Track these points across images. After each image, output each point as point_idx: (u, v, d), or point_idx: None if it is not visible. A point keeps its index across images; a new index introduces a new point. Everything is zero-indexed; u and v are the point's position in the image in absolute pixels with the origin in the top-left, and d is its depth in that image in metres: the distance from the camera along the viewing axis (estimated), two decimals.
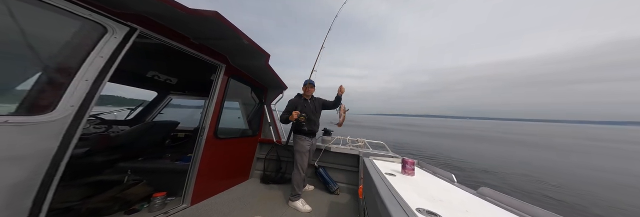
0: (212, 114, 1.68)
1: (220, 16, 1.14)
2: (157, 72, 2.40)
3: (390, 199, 0.67)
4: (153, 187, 1.60)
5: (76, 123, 0.82)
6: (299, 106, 1.88)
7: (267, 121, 2.69)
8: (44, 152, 0.75)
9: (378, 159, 1.56)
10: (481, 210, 0.69)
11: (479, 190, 0.87)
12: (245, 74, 2.13)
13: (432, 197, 0.77)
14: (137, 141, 1.88)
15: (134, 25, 1.03)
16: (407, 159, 1.16)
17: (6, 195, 0.67)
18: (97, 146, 1.64)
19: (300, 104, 1.90)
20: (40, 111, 0.74)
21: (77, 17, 0.84)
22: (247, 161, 2.39)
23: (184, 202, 1.55)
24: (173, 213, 1.45)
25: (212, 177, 1.80)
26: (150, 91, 2.90)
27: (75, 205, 1.28)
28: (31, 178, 0.73)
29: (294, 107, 1.87)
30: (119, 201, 1.42)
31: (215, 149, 1.76)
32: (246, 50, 1.62)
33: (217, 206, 1.65)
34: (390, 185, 0.85)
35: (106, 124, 2.26)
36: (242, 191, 2.02)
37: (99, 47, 0.89)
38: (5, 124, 0.66)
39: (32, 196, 0.73)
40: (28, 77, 0.76)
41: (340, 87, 1.95)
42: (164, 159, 1.97)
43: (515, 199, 0.74)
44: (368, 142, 2.48)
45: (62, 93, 0.79)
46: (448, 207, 0.68)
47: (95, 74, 0.88)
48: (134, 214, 1.41)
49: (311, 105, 1.94)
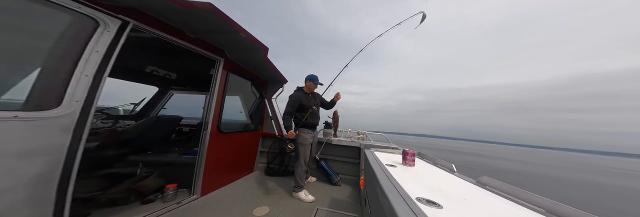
0: (214, 109, 1.69)
1: (215, 8, 1.09)
2: (155, 67, 2.39)
3: (390, 189, 0.69)
4: (164, 180, 1.68)
5: (84, 118, 0.85)
6: (304, 100, 1.87)
7: (268, 115, 2.71)
8: (58, 146, 0.79)
9: (379, 150, 1.58)
10: (480, 198, 0.71)
11: (478, 179, 0.89)
12: (244, 69, 2.10)
13: (432, 187, 0.79)
14: (143, 135, 1.93)
15: (126, 19, 1.00)
16: (408, 150, 1.17)
17: (28, 187, 0.71)
18: (107, 140, 1.69)
19: (304, 98, 1.89)
20: (47, 107, 0.76)
21: (67, 10, 0.81)
22: (250, 154, 2.46)
23: (194, 193, 1.63)
24: (185, 204, 1.53)
25: (219, 170, 1.86)
26: (150, 89, 2.91)
27: (95, 195, 1.37)
28: (50, 171, 0.77)
29: (299, 102, 1.85)
30: (134, 192, 1.51)
31: (220, 143, 1.81)
32: (244, 44, 1.58)
33: (225, 197, 1.73)
34: (391, 175, 0.87)
35: (112, 119, 2.31)
36: (248, 183, 2.11)
37: (94, 42, 0.88)
38: (15, 119, 0.68)
39: (54, 187, 0.78)
40: (28, 74, 0.76)
41: (337, 94, 2.09)
42: (171, 153, 2.04)
43: (514, 187, 0.75)
44: (369, 134, 2.50)
45: (65, 89, 0.80)
46: (448, 196, 0.69)
47: (94, 70, 0.88)
48: (150, 204, 1.50)
49: (313, 100, 1.96)
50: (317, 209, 1.59)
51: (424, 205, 0.60)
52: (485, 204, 0.66)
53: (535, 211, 0.62)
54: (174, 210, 1.44)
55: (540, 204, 0.65)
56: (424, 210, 0.55)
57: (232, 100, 2.08)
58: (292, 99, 1.87)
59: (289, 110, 1.83)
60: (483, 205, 0.65)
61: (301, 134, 1.85)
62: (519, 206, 0.66)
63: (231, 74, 1.86)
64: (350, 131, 2.53)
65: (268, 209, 1.55)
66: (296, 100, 1.85)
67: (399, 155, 1.39)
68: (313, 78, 1.94)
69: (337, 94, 2.07)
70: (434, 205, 0.61)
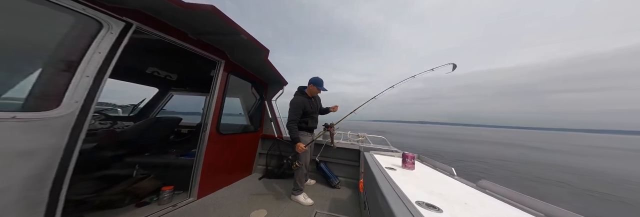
0: (214, 110, 1.69)
1: (217, 11, 1.11)
2: (156, 68, 2.40)
3: (390, 192, 0.69)
4: (160, 181, 1.66)
5: (82, 119, 0.84)
6: (307, 106, 1.78)
7: (268, 117, 2.71)
8: (55, 147, 0.78)
9: (379, 153, 1.58)
10: (480, 202, 0.70)
11: (478, 183, 0.88)
12: (245, 70, 2.11)
13: (431, 191, 0.78)
14: (142, 137, 1.92)
15: (129, 21, 1.01)
16: (408, 153, 1.17)
17: (22, 187, 0.70)
18: (105, 141, 1.68)
19: (307, 104, 1.80)
20: (46, 107, 0.76)
21: (71, 12, 0.82)
22: (249, 156, 2.44)
23: (190, 195, 1.61)
24: (181, 206, 1.51)
25: (217, 172, 1.84)
26: (150, 90, 2.91)
27: (89, 197, 1.35)
28: (45, 172, 0.76)
29: (303, 109, 1.75)
30: (129, 194, 1.48)
31: (218, 144, 1.79)
32: (245, 45, 1.59)
33: (223, 199, 1.71)
34: (391, 179, 0.87)
35: (111, 120, 2.30)
36: (246, 185, 2.08)
37: (96, 43, 0.88)
38: (13, 120, 0.68)
39: (48, 189, 0.76)
40: (29, 74, 0.76)
41: (336, 106, 2.03)
42: (169, 154, 2.02)
43: (514, 192, 0.75)
44: (369, 137, 2.50)
45: (65, 89, 0.80)
46: (448, 200, 0.69)
47: (96, 70, 0.88)
48: (144, 206, 1.47)
49: (314, 104, 1.91)
50: (316, 213, 1.57)
51: (423, 209, 0.59)
52: (485, 208, 0.66)
53: (534, 215, 0.62)
54: (170, 213, 1.42)
55: (540, 208, 0.65)
56: (423, 214, 0.55)
57: (232, 102, 2.08)
58: (295, 105, 1.72)
59: (294, 118, 1.68)
60: (483, 209, 0.65)
61: (301, 137, 1.83)
62: (518, 210, 0.65)
63: (232, 75, 1.87)
64: (350, 134, 2.52)
65: (266, 212, 1.52)
66: (300, 107, 1.71)
67: (398, 158, 1.38)
68: (318, 83, 1.81)
69: (335, 107, 2.03)
70: (434, 209, 0.60)
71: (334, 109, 2.02)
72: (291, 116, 1.70)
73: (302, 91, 1.88)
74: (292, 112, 1.71)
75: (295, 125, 1.68)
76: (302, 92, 1.87)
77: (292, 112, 1.71)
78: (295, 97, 1.83)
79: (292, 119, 1.68)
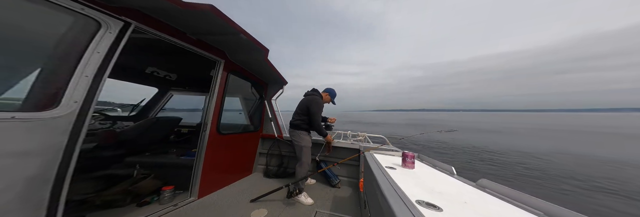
0: (214, 110, 1.69)
1: (216, 10, 1.10)
2: (156, 68, 2.39)
3: (390, 191, 0.69)
4: (161, 181, 1.66)
5: (82, 119, 0.84)
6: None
7: (268, 117, 2.71)
8: (55, 147, 0.78)
9: (378, 153, 1.58)
10: (480, 201, 0.71)
11: (478, 182, 0.89)
12: (244, 70, 2.11)
13: (431, 190, 0.78)
14: (142, 137, 1.92)
15: (128, 20, 1.00)
16: (407, 153, 1.17)
17: (23, 188, 0.70)
18: (105, 141, 1.68)
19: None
20: (45, 108, 0.75)
21: (70, 12, 0.82)
22: (249, 155, 2.44)
23: (191, 195, 1.61)
24: (182, 206, 1.51)
25: (217, 171, 1.85)
26: (150, 90, 2.91)
27: (90, 197, 1.35)
28: (45, 172, 0.76)
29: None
30: (130, 194, 1.49)
31: (219, 144, 1.80)
32: (245, 45, 1.59)
33: (223, 199, 1.71)
34: (391, 178, 0.87)
35: (111, 120, 2.30)
36: (246, 185, 2.09)
37: (95, 43, 0.88)
38: (12, 120, 0.67)
39: (48, 189, 0.76)
40: (28, 74, 0.76)
41: (333, 118, 2.17)
42: (169, 154, 2.02)
43: (514, 190, 0.75)
44: (368, 137, 2.50)
45: (64, 89, 0.79)
46: (447, 199, 0.69)
47: (95, 70, 0.87)
48: (146, 206, 1.48)
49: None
50: (317, 212, 1.57)
51: (424, 208, 0.60)
52: (485, 207, 0.66)
53: (534, 214, 0.62)
54: (171, 212, 1.42)
55: (539, 207, 0.65)
56: (424, 213, 0.55)
57: (232, 102, 2.08)
58: (321, 106, 1.91)
59: (320, 115, 1.90)
60: (483, 208, 0.65)
61: (305, 137, 1.87)
62: (518, 209, 0.66)
63: (231, 75, 1.87)
64: (350, 133, 2.53)
65: (266, 212, 1.53)
66: (322, 108, 1.93)
67: (398, 157, 1.38)
68: (334, 95, 2.05)
69: (333, 119, 2.20)
70: (434, 208, 0.61)
71: (331, 120, 2.18)
72: (319, 114, 1.87)
73: (319, 93, 2.02)
74: (320, 110, 1.88)
75: (321, 122, 1.90)
76: (320, 95, 2.01)
77: (320, 110, 1.88)
78: (317, 97, 1.94)
79: (321, 118, 1.91)
